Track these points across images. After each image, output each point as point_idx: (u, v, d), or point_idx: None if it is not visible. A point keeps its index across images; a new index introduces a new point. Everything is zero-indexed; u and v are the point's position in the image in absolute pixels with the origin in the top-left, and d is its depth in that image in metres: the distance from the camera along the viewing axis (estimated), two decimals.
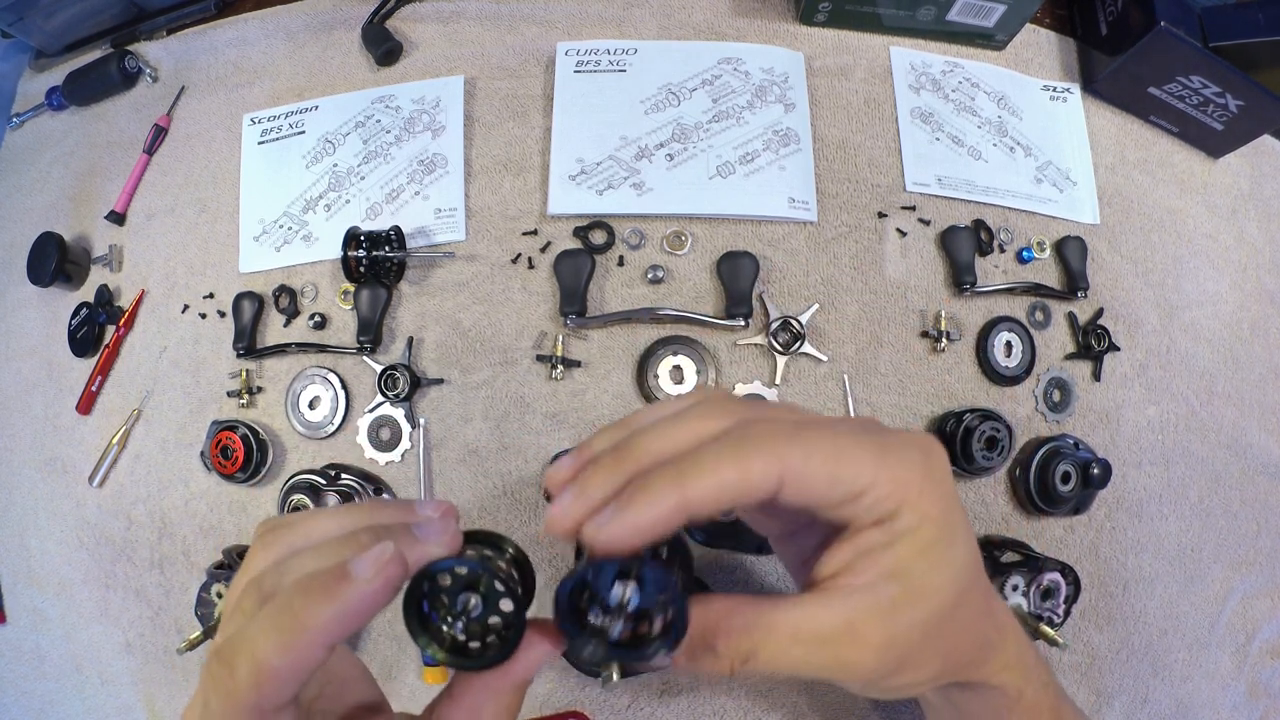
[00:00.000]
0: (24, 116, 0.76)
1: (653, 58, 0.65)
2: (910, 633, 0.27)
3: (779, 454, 0.25)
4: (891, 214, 0.62)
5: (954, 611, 0.28)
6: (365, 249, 0.59)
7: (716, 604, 0.27)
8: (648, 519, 0.24)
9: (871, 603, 0.26)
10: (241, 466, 0.59)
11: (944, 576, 0.27)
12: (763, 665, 0.26)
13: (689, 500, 0.24)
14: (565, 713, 0.55)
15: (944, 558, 0.27)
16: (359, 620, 0.23)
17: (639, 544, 0.25)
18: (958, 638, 0.29)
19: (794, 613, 0.26)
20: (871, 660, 0.27)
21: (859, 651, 0.26)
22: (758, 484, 0.25)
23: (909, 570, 0.27)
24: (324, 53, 0.69)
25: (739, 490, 0.25)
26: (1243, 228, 0.68)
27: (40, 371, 0.69)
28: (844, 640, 0.26)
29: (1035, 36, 0.69)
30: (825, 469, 0.26)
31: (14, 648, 0.66)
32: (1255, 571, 0.62)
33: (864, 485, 0.26)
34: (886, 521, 0.27)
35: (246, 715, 0.22)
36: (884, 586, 0.27)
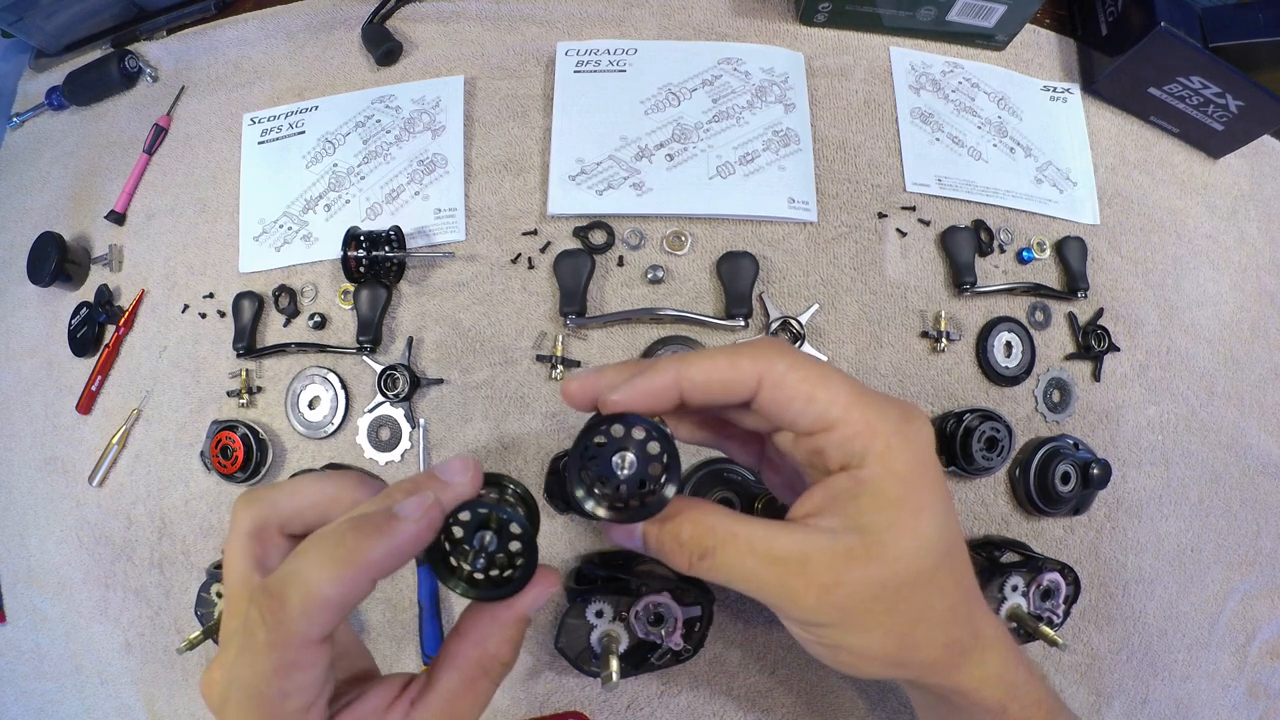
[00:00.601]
0: (24, 116, 0.76)
1: (653, 58, 0.65)
2: (858, 587, 0.28)
3: (767, 359, 0.28)
4: (891, 214, 0.62)
5: (914, 587, 0.28)
6: (365, 249, 0.59)
7: (694, 502, 0.30)
8: (650, 385, 0.29)
9: (827, 544, 0.28)
10: (241, 466, 0.59)
11: (904, 545, 0.28)
12: (718, 567, 0.29)
13: (684, 377, 0.29)
14: (565, 713, 0.55)
15: (907, 525, 0.28)
16: (404, 557, 0.25)
17: (641, 406, 0.29)
18: (916, 622, 0.29)
19: (757, 529, 0.29)
20: (812, 599, 0.28)
21: (804, 584, 0.28)
22: (742, 379, 0.28)
23: (869, 525, 0.28)
24: (324, 53, 0.69)
25: (725, 380, 0.28)
26: (1243, 228, 0.68)
27: (40, 371, 0.69)
28: (793, 568, 0.28)
29: (1035, 37, 0.69)
30: (803, 387, 0.28)
31: (14, 648, 0.66)
32: (1255, 571, 0.62)
33: (835, 418, 0.28)
34: (853, 468, 0.28)
35: (295, 646, 0.23)
36: (843, 535, 0.28)
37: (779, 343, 0.29)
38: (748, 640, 0.56)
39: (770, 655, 0.56)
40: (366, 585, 0.24)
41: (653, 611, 0.50)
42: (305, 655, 0.24)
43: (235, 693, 0.24)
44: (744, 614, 0.57)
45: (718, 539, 0.29)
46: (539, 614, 0.56)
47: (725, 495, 0.53)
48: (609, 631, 0.50)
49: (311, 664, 0.24)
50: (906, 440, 0.28)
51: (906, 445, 0.28)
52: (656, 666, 0.52)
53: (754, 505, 0.53)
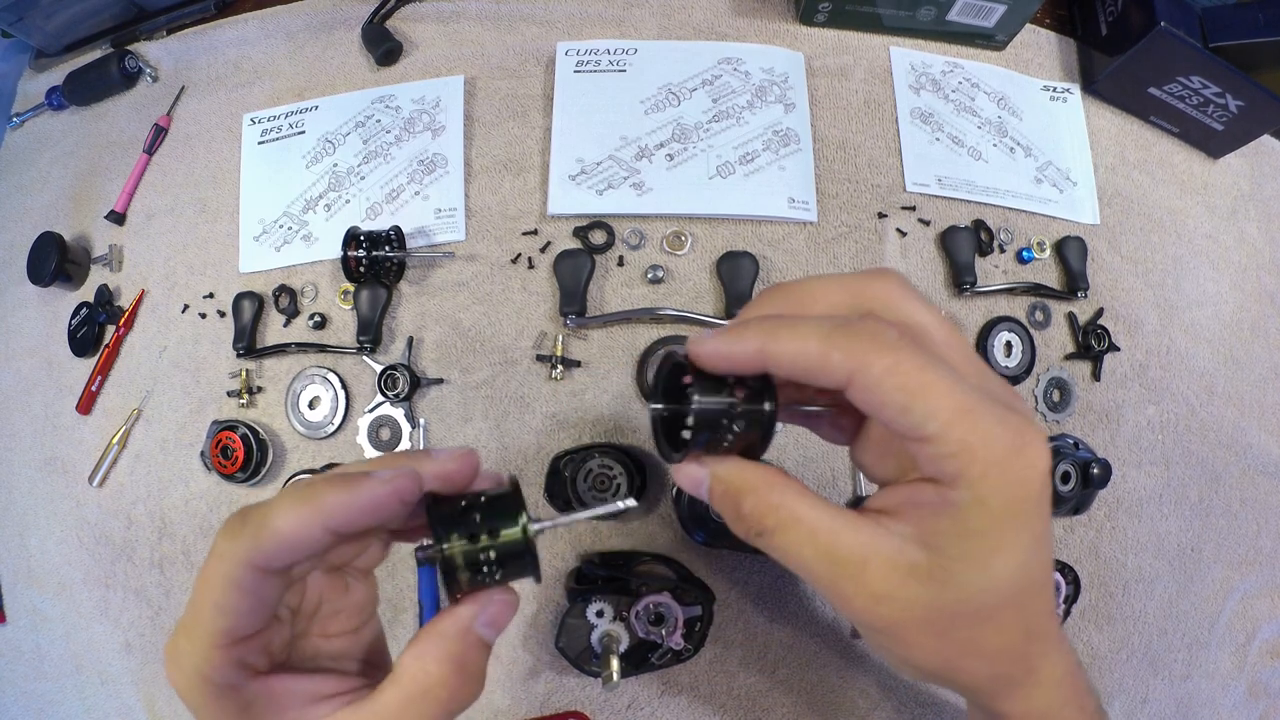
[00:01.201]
0: (24, 116, 0.76)
1: (653, 58, 0.65)
2: (911, 606, 0.26)
3: (863, 359, 0.25)
4: (891, 214, 0.62)
5: (970, 621, 0.26)
6: (365, 249, 0.59)
7: (764, 470, 0.28)
8: (730, 348, 0.27)
9: (891, 553, 0.26)
10: (241, 466, 0.59)
11: (972, 578, 0.25)
12: (774, 548, 0.27)
13: (768, 352, 0.26)
14: (565, 713, 0.55)
15: (981, 559, 0.25)
16: (364, 515, 0.25)
17: (721, 366, 0.27)
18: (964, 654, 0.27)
19: (823, 518, 0.27)
20: (861, 605, 0.26)
21: (856, 589, 0.26)
22: (829, 371, 0.25)
23: (941, 548, 0.25)
24: (324, 53, 0.69)
25: (810, 367, 0.26)
26: (1243, 228, 0.68)
27: (40, 371, 0.69)
28: (850, 570, 0.26)
29: (1035, 37, 0.69)
30: (898, 396, 0.25)
31: (14, 648, 0.66)
32: (1255, 571, 0.62)
33: (932, 432, 0.25)
34: (944, 486, 0.25)
35: (242, 566, 0.24)
36: (910, 548, 0.26)
37: (883, 331, 0.25)
38: (748, 640, 0.56)
39: (770, 655, 0.56)
40: (319, 532, 0.25)
41: (653, 611, 0.50)
42: (246, 577, 0.25)
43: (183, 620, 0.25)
44: (744, 614, 0.57)
45: (779, 520, 0.27)
46: (539, 613, 0.56)
47: None
48: (609, 631, 0.50)
49: (251, 589, 0.25)
50: (1008, 473, 0.25)
51: (1006, 478, 0.25)
52: (657, 666, 0.52)
53: None
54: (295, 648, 0.28)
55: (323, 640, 0.29)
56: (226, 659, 0.25)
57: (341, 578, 0.30)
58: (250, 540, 0.25)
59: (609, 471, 0.54)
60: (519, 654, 0.56)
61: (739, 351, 0.26)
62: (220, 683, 0.25)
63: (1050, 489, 0.26)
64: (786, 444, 0.58)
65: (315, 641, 0.29)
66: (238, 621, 0.25)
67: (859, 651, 0.57)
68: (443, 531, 0.27)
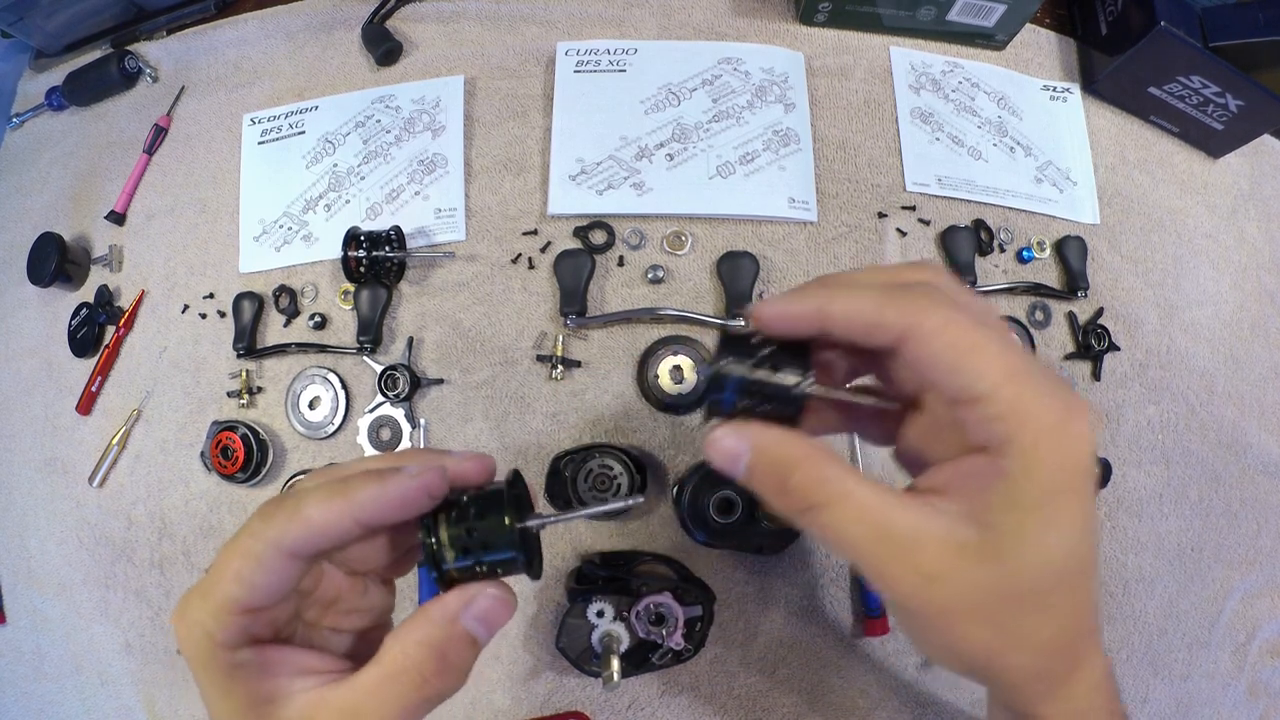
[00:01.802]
0: (24, 116, 0.76)
1: (653, 58, 0.65)
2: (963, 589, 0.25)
3: (918, 315, 0.25)
4: (891, 214, 0.62)
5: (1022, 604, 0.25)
6: (365, 249, 0.59)
7: (811, 442, 0.27)
8: (790, 307, 0.27)
9: (944, 531, 0.25)
10: (242, 467, 0.59)
11: (1026, 556, 0.24)
12: (821, 525, 0.26)
13: (825, 310, 0.26)
14: (566, 713, 0.55)
15: (1035, 535, 0.24)
16: (393, 509, 0.26)
17: (778, 327, 0.28)
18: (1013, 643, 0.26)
19: (873, 495, 0.25)
20: (910, 587, 0.25)
21: (906, 569, 0.25)
22: (884, 326, 0.25)
23: (993, 524, 0.24)
24: (324, 53, 0.69)
25: (867, 323, 0.26)
26: (1243, 228, 0.68)
27: (40, 371, 0.69)
28: (901, 549, 0.25)
29: (1035, 36, 0.69)
30: (950, 353, 0.24)
31: (14, 648, 0.66)
32: (1255, 571, 0.62)
33: (982, 391, 0.24)
34: (993, 454, 0.25)
35: (270, 546, 0.26)
36: (963, 526, 0.25)
37: (941, 289, 0.26)
38: (748, 640, 0.56)
39: (770, 655, 0.56)
40: (350, 523, 0.26)
41: (653, 611, 0.50)
42: (272, 557, 0.26)
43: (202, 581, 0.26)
44: (744, 614, 0.57)
45: (829, 495, 0.26)
46: (539, 614, 0.56)
47: (726, 494, 0.53)
48: (610, 631, 0.50)
49: (274, 569, 0.26)
50: (1059, 440, 0.24)
51: (1057, 445, 0.24)
52: (657, 666, 0.52)
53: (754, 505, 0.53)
54: (301, 629, 0.29)
55: (331, 632, 0.30)
56: (234, 624, 0.26)
57: (361, 579, 0.30)
58: (283, 525, 0.26)
59: (609, 471, 0.54)
60: (519, 654, 0.56)
61: (799, 310, 0.27)
62: (221, 641, 0.26)
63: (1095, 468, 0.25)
64: None
65: (324, 632, 0.30)
66: (254, 595, 0.26)
67: (859, 651, 0.57)
68: (432, 522, 0.27)
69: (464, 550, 0.27)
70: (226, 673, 0.26)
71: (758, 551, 0.56)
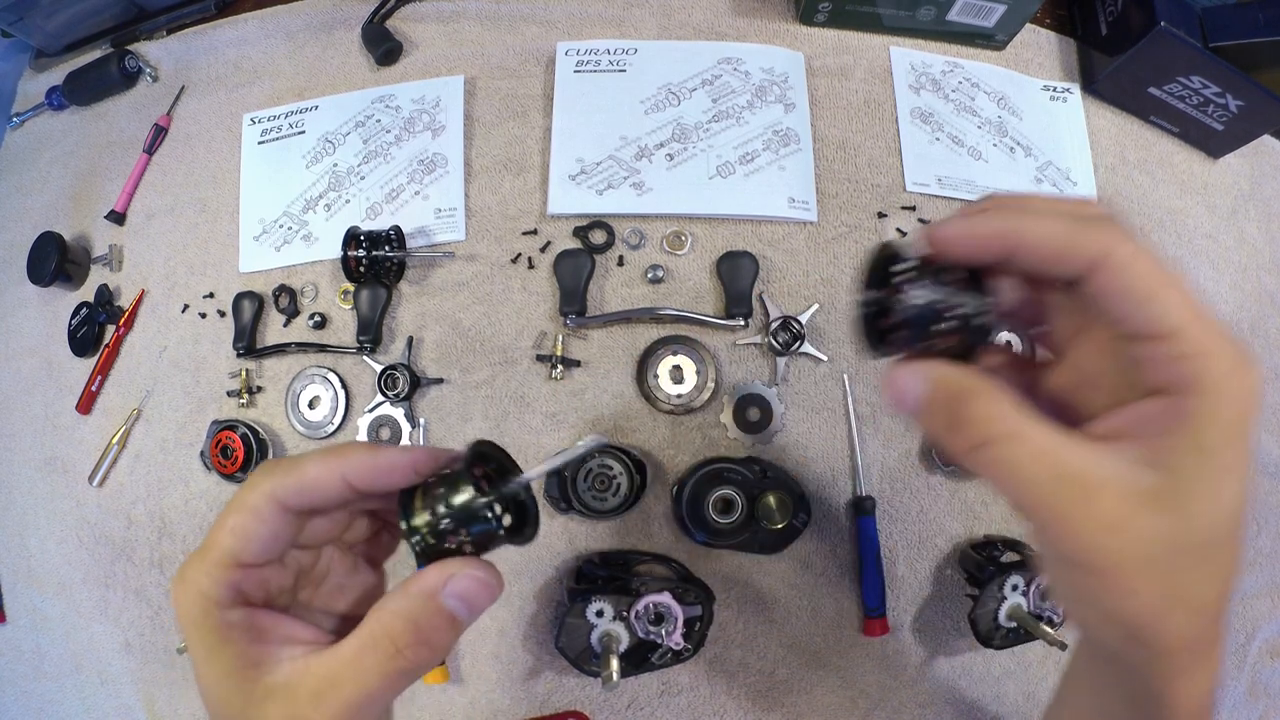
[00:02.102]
0: (24, 116, 0.76)
1: (653, 58, 0.65)
2: (1143, 538, 0.23)
3: (1114, 238, 0.24)
4: (891, 214, 0.62)
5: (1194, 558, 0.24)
6: (365, 249, 0.59)
7: (989, 381, 0.25)
8: (974, 229, 0.25)
9: (1126, 478, 0.23)
10: (241, 466, 0.59)
11: (1205, 505, 0.23)
12: (994, 462, 0.25)
13: (1016, 233, 0.25)
14: (565, 713, 0.55)
15: (1214, 482, 0.23)
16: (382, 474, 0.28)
17: (960, 250, 0.26)
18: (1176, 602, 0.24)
19: (1051, 435, 0.24)
20: (1088, 537, 0.24)
21: (1085, 515, 0.23)
22: (1077, 252, 0.24)
23: (1176, 468, 0.23)
24: (324, 53, 0.69)
25: (1059, 248, 0.25)
26: (1243, 228, 0.68)
27: (40, 371, 0.69)
28: (1080, 493, 0.23)
29: (1035, 36, 0.69)
30: (1143, 284, 0.24)
31: (14, 648, 0.66)
32: (1255, 571, 0.62)
33: (1173, 326, 0.23)
34: (1175, 394, 0.23)
35: (265, 497, 0.27)
36: (1144, 471, 0.23)
37: (1127, 226, 0.25)
38: (748, 640, 0.56)
39: (770, 655, 0.56)
40: (340, 482, 0.28)
41: (653, 611, 0.50)
42: (266, 508, 0.27)
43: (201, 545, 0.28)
44: (744, 614, 0.57)
45: (1006, 430, 0.24)
46: (539, 613, 0.56)
47: (726, 494, 0.53)
48: (609, 631, 0.50)
49: (268, 521, 0.27)
50: (1240, 383, 0.23)
51: (1239, 389, 0.23)
52: (657, 666, 0.52)
53: (754, 505, 0.53)
54: (295, 607, 0.30)
55: (323, 613, 0.31)
56: (226, 580, 0.27)
57: (351, 557, 0.32)
58: (279, 477, 0.27)
59: (609, 471, 0.54)
60: (519, 654, 0.56)
61: (983, 232, 0.25)
62: (214, 599, 0.26)
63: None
64: (787, 444, 0.58)
65: (316, 612, 0.31)
66: (247, 546, 0.27)
67: (859, 651, 0.57)
68: (409, 497, 0.28)
69: (440, 522, 0.28)
70: (218, 633, 0.27)
71: (758, 551, 0.56)
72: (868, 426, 0.59)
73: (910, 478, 0.59)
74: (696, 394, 0.58)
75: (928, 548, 0.58)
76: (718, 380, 0.58)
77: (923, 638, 0.57)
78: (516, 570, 0.57)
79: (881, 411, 0.59)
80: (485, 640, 0.57)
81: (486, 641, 0.57)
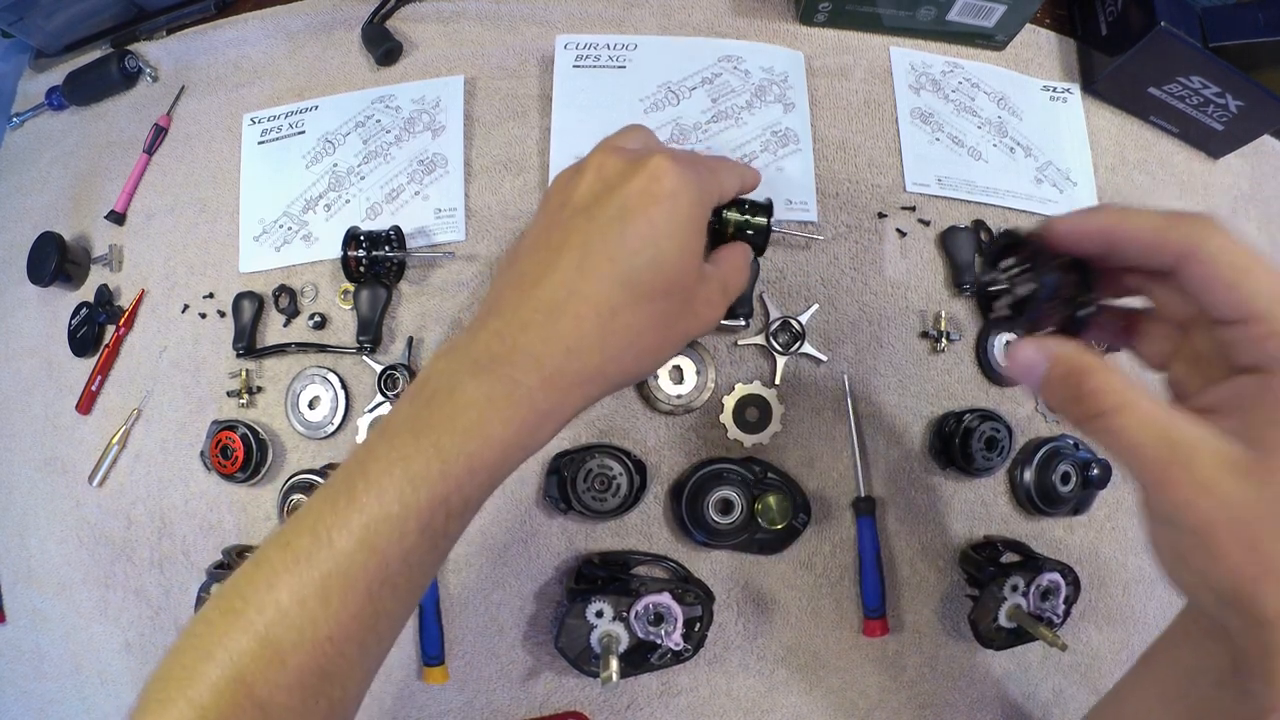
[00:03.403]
0: (24, 116, 0.76)
1: (653, 54, 0.65)
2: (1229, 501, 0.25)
3: (1202, 231, 0.28)
4: (891, 214, 0.62)
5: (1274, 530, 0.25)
6: (365, 249, 0.59)
7: (1103, 359, 0.29)
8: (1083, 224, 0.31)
9: (1218, 445, 0.26)
10: (241, 466, 0.59)
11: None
12: (1109, 429, 0.27)
13: (1118, 226, 0.30)
14: (565, 713, 0.55)
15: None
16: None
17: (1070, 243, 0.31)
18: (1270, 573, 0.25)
19: (1157, 406, 0.27)
20: (1188, 493, 0.26)
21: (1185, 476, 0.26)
22: (1170, 244, 0.28)
23: (1261, 439, 0.25)
24: (324, 53, 0.69)
25: (1154, 241, 0.29)
26: (1243, 228, 0.68)
27: (40, 371, 0.69)
28: (1181, 454, 0.26)
29: (1035, 37, 0.69)
30: (1230, 272, 0.27)
31: (14, 648, 0.66)
32: None
33: (1260, 309, 0.26)
34: (1265, 373, 0.26)
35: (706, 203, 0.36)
36: (1234, 443, 0.26)
37: (1216, 221, 0.28)
38: (748, 640, 0.56)
39: (770, 655, 0.56)
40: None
41: (653, 611, 0.50)
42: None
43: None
44: (744, 614, 0.57)
45: (1122, 401, 0.27)
46: (539, 613, 0.56)
47: (726, 494, 0.53)
48: (609, 631, 0.50)
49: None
50: None
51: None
52: (656, 666, 0.52)
53: (754, 506, 0.53)
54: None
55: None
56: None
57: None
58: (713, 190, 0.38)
59: (609, 471, 0.54)
60: (518, 654, 0.56)
61: (1090, 225, 0.30)
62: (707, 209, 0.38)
63: None
64: (787, 444, 0.58)
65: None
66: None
67: (859, 651, 0.57)
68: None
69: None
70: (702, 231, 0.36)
71: (758, 552, 0.56)
72: (868, 427, 0.59)
73: (910, 478, 0.59)
74: (696, 394, 0.58)
75: (928, 548, 0.58)
76: (717, 380, 0.58)
77: (923, 638, 0.57)
78: (516, 571, 0.57)
79: (880, 411, 0.59)
80: (485, 640, 0.57)
81: (486, 641, 0.57)
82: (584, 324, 0.32)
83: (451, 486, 0.30)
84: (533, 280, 0.34)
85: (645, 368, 0.36)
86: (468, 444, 0.31)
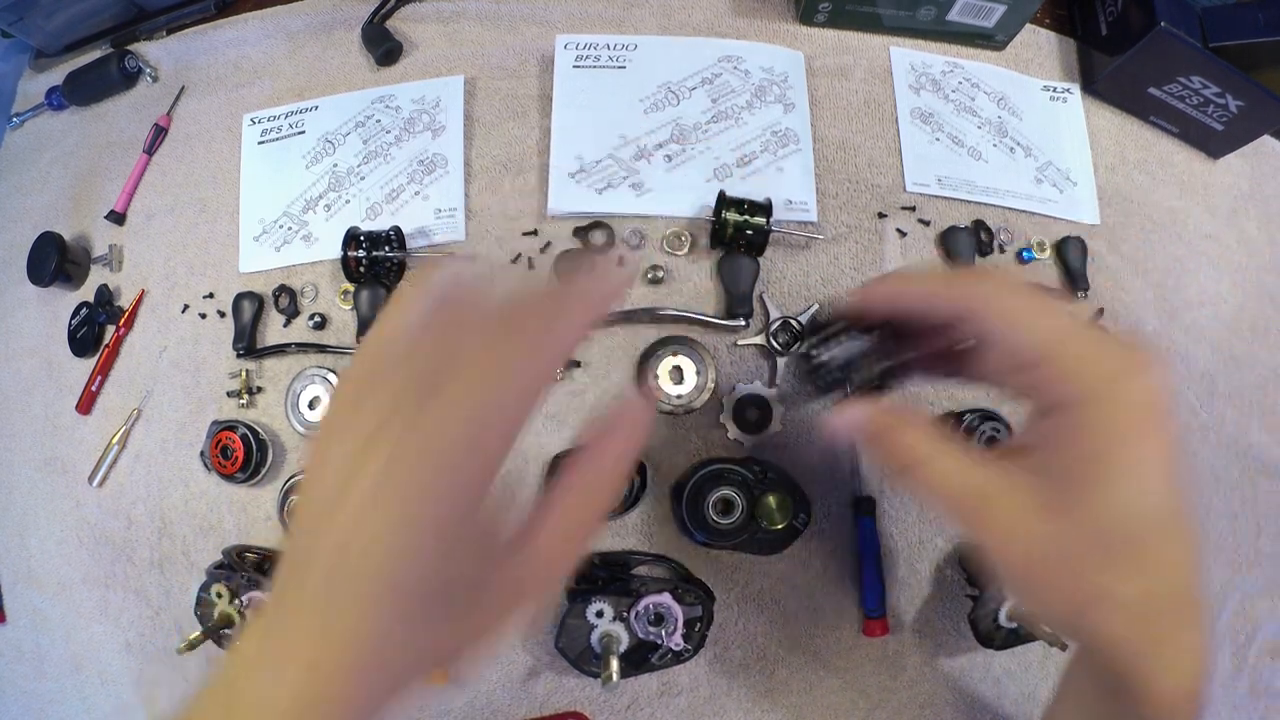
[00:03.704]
0: (24, 116, 0.76)
1: (653, 54, 0.65)
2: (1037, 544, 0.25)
3: (972, 288, 0.29)
4: (891, 214, 0.62)
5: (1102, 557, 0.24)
6: (365, 249, 0.59)
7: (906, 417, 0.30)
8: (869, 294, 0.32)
9: (1013, 489, 0.26)
10: (241, 466, 0.59)
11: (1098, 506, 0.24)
12: (915, 481, 0.29)
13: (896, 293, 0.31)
14: (565, 713, 0.55)
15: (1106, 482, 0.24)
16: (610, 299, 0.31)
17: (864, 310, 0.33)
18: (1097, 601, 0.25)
19: (953, 461, 0.28)
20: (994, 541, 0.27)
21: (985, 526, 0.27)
22: (944, 301, 0.29)
23: (1063, 476, 0.25)
24: (324, 53, 0.69)
25: (933, 302, 0.30)
26: (1243, 228, 0.68)
27: (40, 371, 0.69)
28: (980, 506, 0.27)
29: (1035, 37, 0.69)
30: (1003, 321, 0.27)
31: (14, 648, 0.66)
32: (1255, 571, 0.62)
33: (1039, 353, 0.26)
34: (1060, 412, 0.26)
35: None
36: (1035, 482, 0.26)
37: (994, 272, 0.29)
38: (748, 640, 0.56)
39: (770, 655, 0.56)
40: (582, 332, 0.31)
41: (653, 612, 0.50)
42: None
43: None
44: (744, 614, 0.57)
45: (925, 454, 0.29)
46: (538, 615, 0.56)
47: (726, 494, 0.53)
48: (609, 632, 0.50)
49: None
50: (1122, 393, 0.25)
51: (1121, 399, 0.25)
52: (656, 667, 0.52)
53: (754, 506, 0.53)
54: None
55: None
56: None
57: None
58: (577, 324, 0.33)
59: None
60: (518, 654, 0.56)
61: (878, 295, 0.32)
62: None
63: (1177, 417, 0.27)
64: (787, 444, 0.58)
65: None
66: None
67: (859, 651, 0.57)
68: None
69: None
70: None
71: (757, 552, 0.56)
72: None
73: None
74: (696, 394, 0.58)
75: (928, 548, 0.58)
76: (717, 381, 0.58)
77: (923, 638, 0.57)
78: None
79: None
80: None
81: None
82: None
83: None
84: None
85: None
86: None
